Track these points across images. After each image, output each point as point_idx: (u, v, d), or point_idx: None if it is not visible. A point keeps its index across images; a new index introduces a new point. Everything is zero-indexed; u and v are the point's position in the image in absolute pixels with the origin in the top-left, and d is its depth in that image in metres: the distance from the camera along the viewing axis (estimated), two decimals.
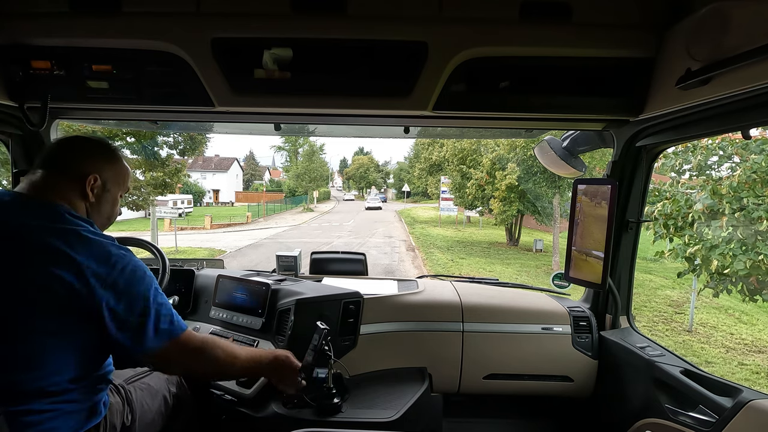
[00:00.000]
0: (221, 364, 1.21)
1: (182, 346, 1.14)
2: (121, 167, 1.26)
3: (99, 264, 1.03)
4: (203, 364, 1.19)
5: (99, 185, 1.18)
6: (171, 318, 1.13)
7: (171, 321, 1.13)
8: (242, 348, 1.32)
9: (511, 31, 1.30)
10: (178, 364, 1.18)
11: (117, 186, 1.25)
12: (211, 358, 1.19)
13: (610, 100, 1.42)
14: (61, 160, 1.16)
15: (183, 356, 1.15)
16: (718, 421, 1.26)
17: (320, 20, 1.30)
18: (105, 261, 1.04)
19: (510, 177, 13.37)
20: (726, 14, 1.04)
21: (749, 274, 4.55)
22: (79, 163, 1.16)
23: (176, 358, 1.15)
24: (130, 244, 1.90)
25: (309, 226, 23.30)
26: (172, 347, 1.12)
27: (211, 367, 1.21)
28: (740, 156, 4.92)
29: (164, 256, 1.82)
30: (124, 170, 1.27)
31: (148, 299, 1.09)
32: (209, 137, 16.34)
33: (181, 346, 1.14)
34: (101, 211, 1.21)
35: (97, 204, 1.19)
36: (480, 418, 2.09)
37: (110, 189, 1.22)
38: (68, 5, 1.28)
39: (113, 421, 1.21)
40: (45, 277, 0.98)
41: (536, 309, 1.98)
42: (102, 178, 1.19)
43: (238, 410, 1.58)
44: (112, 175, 1.22)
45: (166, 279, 1.76)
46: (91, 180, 1.15)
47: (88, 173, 1.15)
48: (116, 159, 1.25)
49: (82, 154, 1.18)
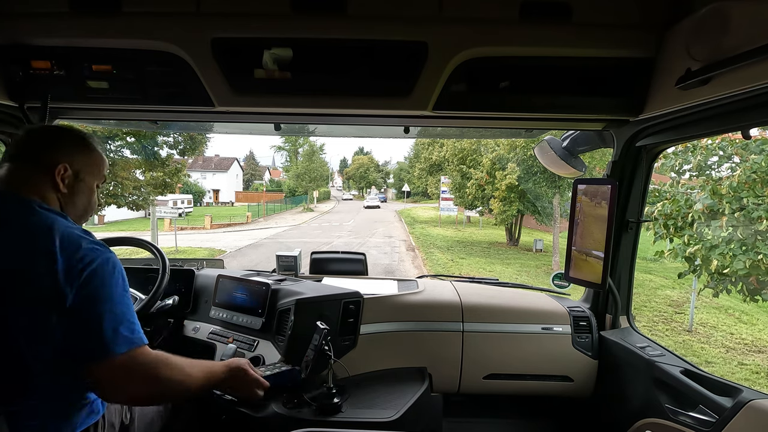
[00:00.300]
0: (174, 386, 1.08)
1: (137, 360, 1.01)
2: (94, 155, 1.18)
3: (66, 256, 0.97)
4: (155, 385, 1.04)
5: (70, 175, 1.11)
6: (133, 327, 1.03)
7: (132, 330, 1.02)
8: (194, 364, 1.17)
9: (511, 31, 1.30)
10: (125, 384, 1.01)
11: (91, 175, 1.17)
12: (165, 377, 1.05)
13: (610, 100, 1.42)
14: (29, 152, 1.10)
15: (133, 374, 1.01)
16: (718, 421, 1.26)
17: (320, 20, 1.30)
18: (73, 253, 0.98)
19: (510, 177, 13.38)
20: (726, 14, 1.04)
21: (749, 274, 4.55)
22: (48, 153, 1.10)
23: (125, 375, 1.00)
24: (130, 244, 1.90)
25: (309, 226, 23.31)
26: (126, 360, 0.99)
27: (164, 389, 1.07)
28: (740, 156, 4.92)
29: (164, 256, 1.81)
30: (97, 158, 1.19)
31: (112, 300, 1.01)
32: (209, 137, 16.36)
33: (135, 360, 1.01)
34: (76, 203, 1.15)
35: (71, 195, 1.12)
36: (480, 418, 2.09)
37: (84, 179, 1.15)
38: (68, 5, 1.28)
39: (111, 420, 1.21)
40: (15, 273, 0.95)
41: (536, 309, 1.97)
42: (73, 168, 1.12)
43: (238, 410, 1.58)
44: (85, 164, 1.15)
45: (166, 279, 1.76)
46: (60, 170, 1.09)
47: (58, 163, 1.09)
48: (88, 147, 1.17)
49: (50, 144, 1.12)
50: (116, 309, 1.01)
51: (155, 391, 1.07)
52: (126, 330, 1.00)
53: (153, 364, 1.04)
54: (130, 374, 1.01)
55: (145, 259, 2.13)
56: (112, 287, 1.02)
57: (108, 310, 0.99)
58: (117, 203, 12.50)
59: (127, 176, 12.31)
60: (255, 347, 1.72)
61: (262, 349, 1.70)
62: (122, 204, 12.56)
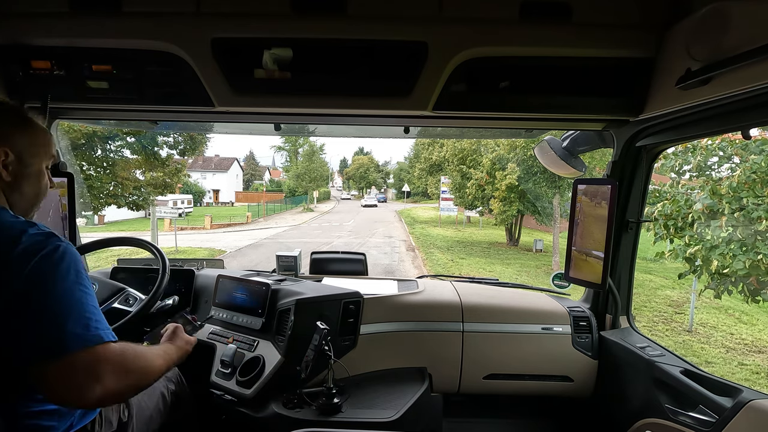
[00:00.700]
0: (141, 379, 0.97)
1: (103, 358, 0.88)
2: (37, 133, 1.04)
3: (9, 252, 0.86)
4: (124, 380, 0.91)
5: (13, 160, 0.98)
6: (88, 323, 0.88)
7: (87, 326, 0.88)
8: (154, 351, 1.09)
9: (511, 31, 1.30)
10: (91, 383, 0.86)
11: (37, 157, 1.04)
12: (136, 369, 0.95)
13: (610, 100, 1.42)
14: None
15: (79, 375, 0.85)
16: (718, 421, 1.26)
17: (320, 20, 1.30)
18: (12, 247, 0.86)
19: (510, 177, 13.37)
20: (726, 14, 1.04)
21: (749, 274, 4.54)
22: None
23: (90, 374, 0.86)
24: (130, 244, 1.90)
25: (309, 226, 23.30)
26: (76, 360, 0.85)
27: (131, 383, 0.94)
28: (740, 156, 4.92)
29: (164, 256, 1.81)
30: (42, 137, 1.05)
31: (70, 291, 0.88)
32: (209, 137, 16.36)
33: (100, 357, 0.87)
34: (23, 191, 1.02)
35: (16, 183, 1.00)
36: (480, 418, 2.09)
37: (30, 162, 1.02)
38: (68, 5, 1.28)
39: (109, 417, 1.21)
40: None
41: (536, 309, 1.97)
42: (15, 151, 0.99)
43: (238, 410, 1.58)
44: (28, 145, 1.01)
45: (166, 279, 1.75)
46: (1, 155, 0.96)
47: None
48: (29, 124, 1.04)
49: None
50: (63, 304, 0.87)
51: (127, 385, 0.93)
52: (79, 327, 0.86)
53: (120, 360, 0.91)
54: (77, 375, 0.85)
55: (145, 259, 2.13)
56: (57, 281, 0.87)
57: (54, 305, 0.86)
58: (117, 203, 12.50)
59: (127, 176, 12.31)
60: (255, 347, 1.72)
61: (262, 349, 1.70)
62: (122, 204, 12.55)
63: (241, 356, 1.68)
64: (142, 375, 0.98)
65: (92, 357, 0.87)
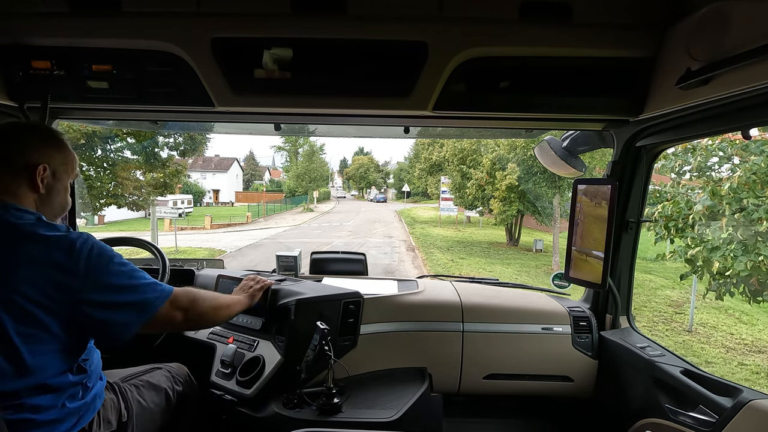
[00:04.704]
0: (212, 315, 1.32)
1: (175, 304, 1.16)
2: (68, 153, 1.18)
3: (62, 257, 1.00)
4: (198, 316, 1.24)
5: (48, 175, 1.10)
6: (155, 285, 1.14)
7: (155, 288, 1.13)
8: (219, 294, 1.47)
9: (511, 31, 1.30)
10: (178, 320, 1.18)
11: (67, 174, 1.17)
12: (202, 310, 1.26)
13: (610, 100, 1.42)
14: (1, 153, 1.08)
15: (178, 313, 1.17)
16: (718, 421, 1.26)
17: (320, 20, 1.30)
18: (68, 252, 1.01)
19: (510, 177, 13.37)
20: (726, 14, 1.03)
21: (750, 276, 4.54)
22: (24, 154, 1.08)
23: (174, 315, 1.16)
24: (130, 244, 1.90)
25: (309, 226, 23.29)
26: (167, 308, 1.14)
27: (206, 317, 1.30)
28: (740, 157, 4.92)
29: (164, 256, 1.82)
30: (71, 156, 1.19)
31: (126, 273, 1.08)
32: (209, 137, 16.37)
33: (174, 305, 1.16)
34: (53, 203, 1.15)
35: (48, 196, 1.12)
36: (480, 418, 2.09)
37: (60, 177, 1.15)
38: (68, 5, 1.28)
39: (108, 417, 1.22)
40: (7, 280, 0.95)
41: (536, 309, 1.97)
42: (51, 167, 1.11)
43: (238, 410, 1.58)
44: (61, 162, 1.15)
45: (166, 279, 1.76)
46: (40, 170, 1.08)
47: (36, 164, 1.08)
48: (63, 145, 1.17)
49: (25, 144, 1.10)
50: (133, 279, 1.11)
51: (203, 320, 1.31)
52: (151, 291, 1.13)
53: (191, 301, 1.22)
54: (175, 312, 1.17)
55: (145, 259, 2.13)
56: (117, 263, 1.09)
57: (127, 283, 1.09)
58: (117, 203, 12.51)
59: (128, 176, 12.32)
60: (255, 347, 1.72)
61: (262, 349, 1.70)
62: (122, 204, 12.56)
63: (241, 356, 1.68)
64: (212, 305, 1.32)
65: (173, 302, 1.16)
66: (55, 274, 0.98)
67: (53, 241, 1.01)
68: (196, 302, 1.24)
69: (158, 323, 1.14)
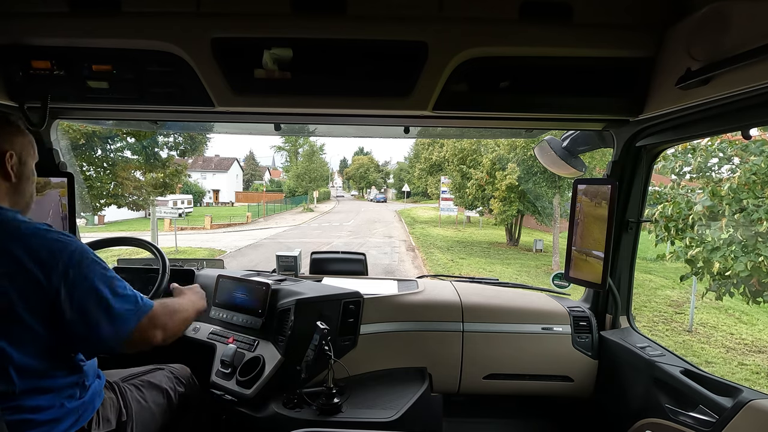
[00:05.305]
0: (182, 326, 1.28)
1: (152, 321, 1.11)
2: (26, 134, 1.15)
3: (43, 256, 0.97)
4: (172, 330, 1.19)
5: (16, 162, 1.06)
6: (136, 298, 1.10)
7: (135, 301, 1.09)
8: (184, 303, 1.38)
9: (511, 31, 1.30)
10: (152, 338, 1.12)
11: (31, 157, 1.14)
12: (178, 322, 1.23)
13: (610, 100, 1.42)
14: None
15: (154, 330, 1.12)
16: (718, 421, 1.26)
17: (320, 20, 1.30)
18: (49, 252, 0.98)
19: (510, 177, 13.37)
20: (726, 14, 1.03)
21: (750, 276, 4.54)
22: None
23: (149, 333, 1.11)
24: (130, 244, 1.90)
25: (309, 226, 23.29)
26: (145, 323, 1.09)
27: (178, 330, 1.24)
28: (740, 158, 4.91)
29: (164, 256, 1.81)
30: (29, 137, 1.16)
31: (107, 281, 1.04)
32: (209, 137, 16.36)
33: (151, 322, 1.11)
34: (23, 191, 1.11)
35: (19, 183, 1.09)
36: (480, 418, 2.09)
37: (26, 162, 1.11)
38: (68, 5, 1.28)
39: (107, 416, 1.22)
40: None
41: (536, 309, 1.97)
42: (17, 153, 1.07)
43: (238, 410, 1.58)
44: (24, 146, 1.10)
45: (166, 279, 1.76)
46: (8, 158, 1.04)
47: (3, 151, 1.03)
48: (20, 128, 1.14)
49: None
50: (111, 289, 1.06)
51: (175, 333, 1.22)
52: (129, 303, 1.08)
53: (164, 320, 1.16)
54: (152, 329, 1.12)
55: (145, 260, 2.13)
56: (99, 270, 1.05)
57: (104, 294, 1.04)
58: (117, 203, 12.50)
59: (128, 176, 12.31)
60: (255, 347, 1.72)
61: (262, 349, 1.70)
62: (122, 204, 12.55)
63: (241, 356, 1.68)
64: (183, 318, 1.29)
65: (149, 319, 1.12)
66: (35, 272, 0.96)
67: (35, 239, 0.98)
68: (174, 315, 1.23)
69: (136, 341, 1.09)
